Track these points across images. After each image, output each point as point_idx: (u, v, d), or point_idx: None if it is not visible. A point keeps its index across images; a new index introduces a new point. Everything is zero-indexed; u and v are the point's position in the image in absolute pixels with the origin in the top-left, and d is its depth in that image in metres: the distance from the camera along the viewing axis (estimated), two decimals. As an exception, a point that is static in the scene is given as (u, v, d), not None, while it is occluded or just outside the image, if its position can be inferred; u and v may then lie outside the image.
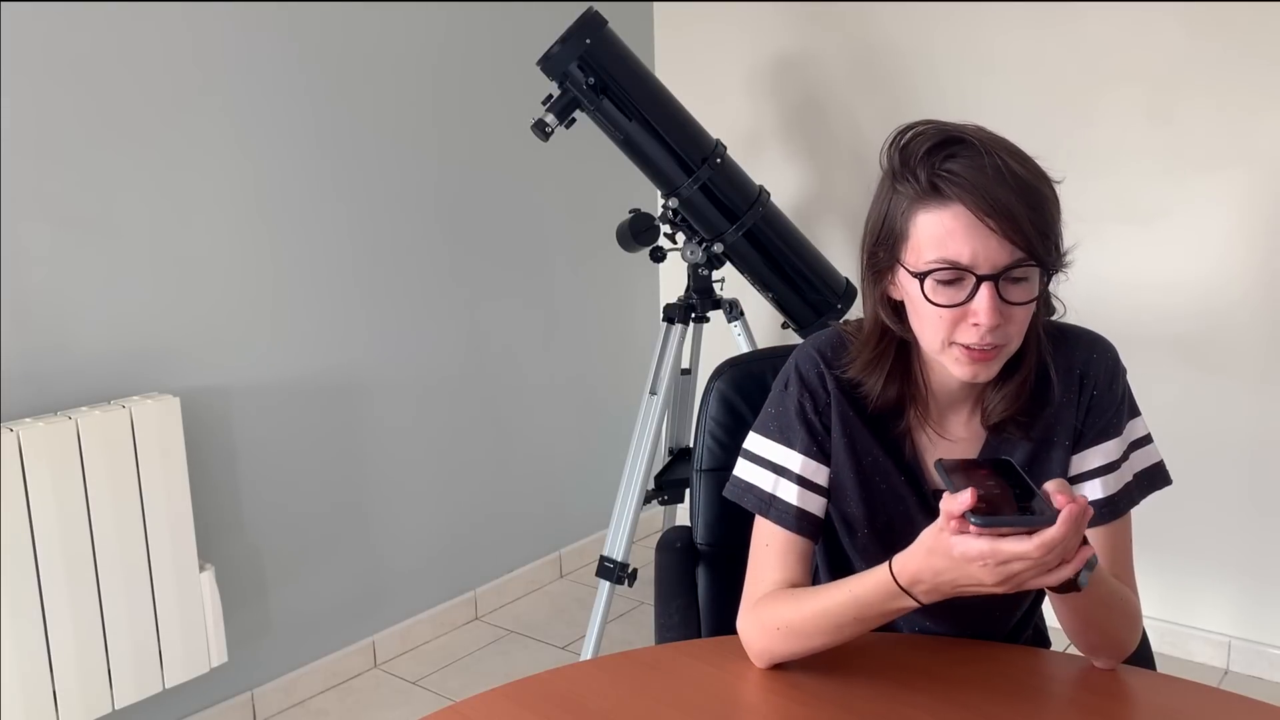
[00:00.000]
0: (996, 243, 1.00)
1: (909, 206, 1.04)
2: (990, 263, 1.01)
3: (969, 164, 1.01)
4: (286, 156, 2.38)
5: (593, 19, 2.17)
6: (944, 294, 1.03)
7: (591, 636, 2.39)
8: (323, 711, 2.48)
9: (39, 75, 1.97)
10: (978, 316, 1.02)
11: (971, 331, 1.03)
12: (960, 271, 1.02)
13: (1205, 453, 2.53)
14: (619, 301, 3.34)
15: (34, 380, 2.00)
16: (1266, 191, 2.39)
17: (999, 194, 0.99)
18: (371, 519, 2.66)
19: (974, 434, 1.18)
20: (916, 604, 1.00)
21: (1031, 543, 0.88)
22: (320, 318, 2.49)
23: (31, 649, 1.90)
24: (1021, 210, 1.00)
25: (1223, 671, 2.57)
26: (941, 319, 1.04)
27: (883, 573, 1.01)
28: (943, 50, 2.77)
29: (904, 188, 1.05)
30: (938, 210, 1.02)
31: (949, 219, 1.01)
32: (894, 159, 1.06)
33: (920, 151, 1.03)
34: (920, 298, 1.04)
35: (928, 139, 1.04)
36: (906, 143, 1.06)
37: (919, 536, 0.97)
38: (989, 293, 1.01)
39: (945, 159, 1.02)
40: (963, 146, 1.02)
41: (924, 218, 1.03)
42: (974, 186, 1.00)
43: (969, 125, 1.06)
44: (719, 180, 2.32)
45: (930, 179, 1.02)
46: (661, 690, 1.10)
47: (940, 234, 1.02)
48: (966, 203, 1.00)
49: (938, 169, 1.02)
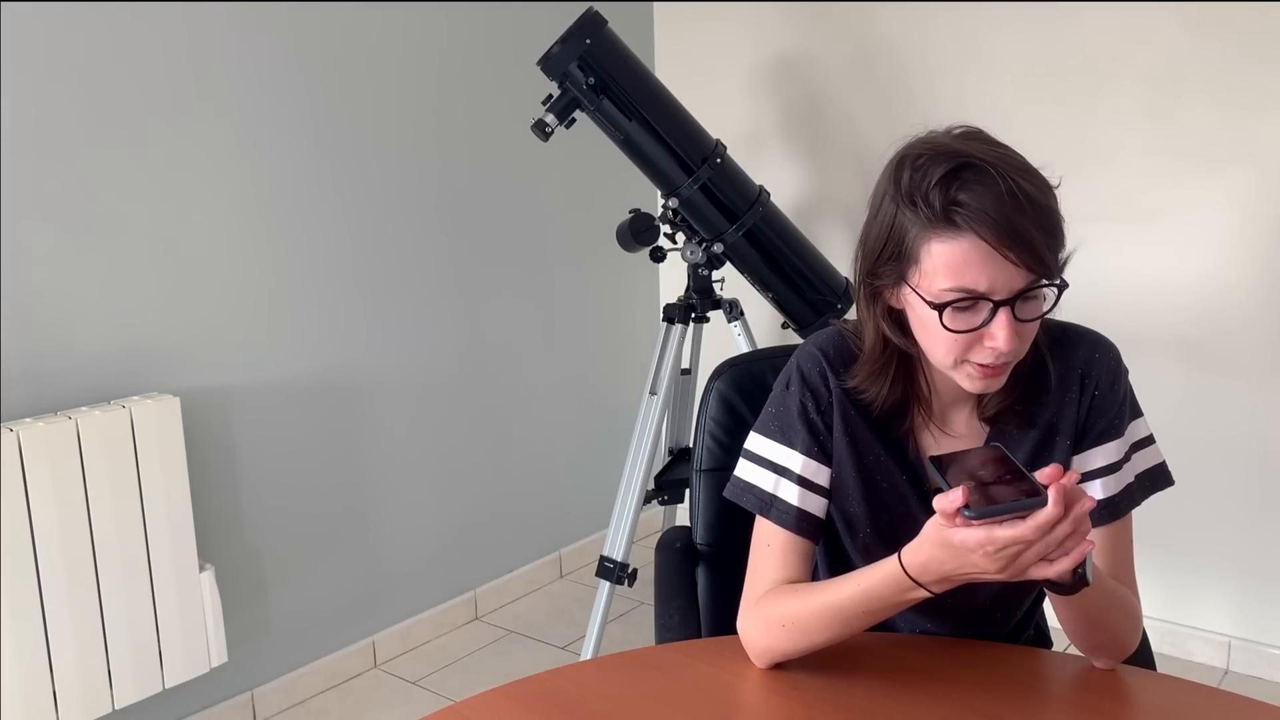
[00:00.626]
0: (1013, 270, 0.99)
1: (920, 232, 1.02)
2: (1007, 288, 1.00)
3: (984, 192, 0.98)
4: (286, 156, 2.38)
5: (593, 19, 2.17)
6: (961, 320, 1.02)
7: (591, 636, 2.39)
8: (323, 711, 2.48)
9: (39, 75, 1.97)
10: (995, 340, 1.01)
11: (988, 353, 1.03)
12: (979, 297, 1.01)
13: (1205, 453, 2.53)
14: (619, 301, 3.34)
15: (34, 380, 2.00)
16: (1267, 191, 2.39)
17: (1016, 223, 0.98)
18: (371, 519, 2.66)
19: (974, 429, 1.18)
20: (929, 594, 1.00)
21: (1027, 525, 0.89)
22: (320, 317, 2.49)
23: (31, 649, 1.90)
24: (1038, 236, 0.99)
25: (1223, 671, 2.57)
26: (957, 342, 1.03)
27: (892, 565, 1.01)
28: (942, 50, 2.77)
29: (914, 213, 1.02)
30: (953, 240, 1.00)
31: (967, 249, 0.99)
32: (903, 182, 1.04)
33: (933, 179, 1.00)
34: (933, 322, 1.04)
35: (939, 164, 1.01)
36: (917, 167, 1.03)
37: (924, 528, 0.97)
38: (1007, 317, 1.00)
39: (959, 187, 0.99)
40: (975, 172, 0.99)
41: (939, 246, 1.01)
42: (991, 220, 0.98)
43: (972, 141, 1.03)
44: (719, 180, 2.32)
45: (945, 210, 1.00)
46: (661, 690, 1.10)
47: (957, 263, 1.00)
48: (985, 235, 0.98)
49: (953, 199, 0.99)
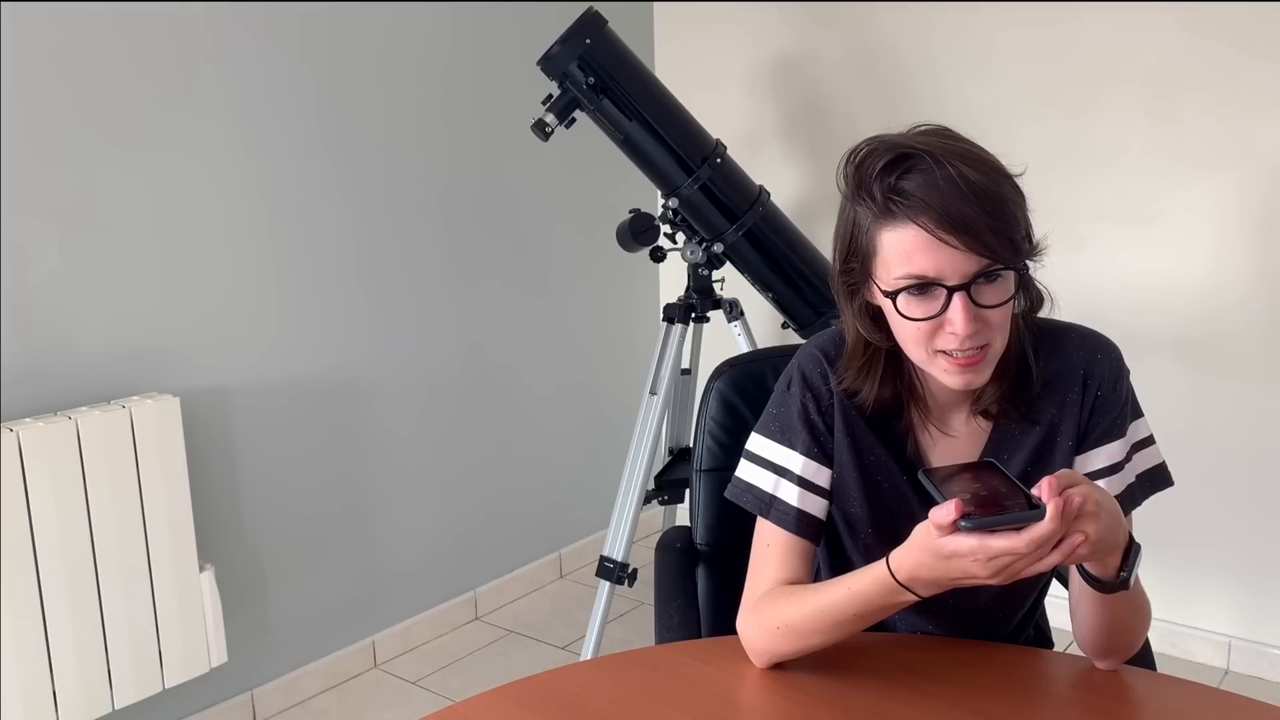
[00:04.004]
0: (960, 255, 1.00)
1: (871, 225, 1.05)
2: (958, 273, 1.01)
3: (922, 181, 1.00)
4: (288, 157, 2.38)
5: (593, 19, 2.17)
6: (917, 307, 1.03)
7: (591, 636, 2.39)
8: (323, 711, 2.48)
9: (39, 75, 1.97)
10: (954, 326, 1.02)
11: (950, 339, 1.03)
12: (930, 283, 1.02)
13: (1205, 452, 2.53)
14: (619, 301, 3.34)
15: (34, 380, 2.00)
16: (1267, 191, 2.39)
17: (955, 208, 0.99)
18: (371, 519, 2.66)
19: (975, 429, 1.18)
20: (917, 598, 1.01)
21: (1021, 539, 0.90)
22: (320, 317, 2.49)
23: (31, 649, 1.90)
24: (981, 220, 0.99)
25: (1223, 671, 2.57)
26: (920, 330, 1.04)
27: (880, 569, 1.02)
28: (943, 50, 2.77)
29: (863, 207, 1.05)
30: (898, 229, 1.02)
31: (909, 237, 1.01)
32: (850, 178, 1.06)
33: (875, 170, 1.03)
34: (895, 313, 1.05)
35: (879, 156, 1.03)
36: (860, 161, 1.05)
37: (913, 533, 0.98)
38: (962, 302, 1.01)
39: (899, 177, 1.01)
40: (915, 161, 1.01)
41: (886, 236, 1.03)
42: (927, 205, 0.99)
43: (924, 134, 1.05)
44: (719, 180, 2.32)
45: (885, 199, 1.02)
46: (661, 690, 1.10)
47: (903, 251, 1.02)
48: (922, 223, 1.00)
49: (891, 189, 1.01)
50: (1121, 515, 0.98)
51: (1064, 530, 0.90)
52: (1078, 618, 1.11)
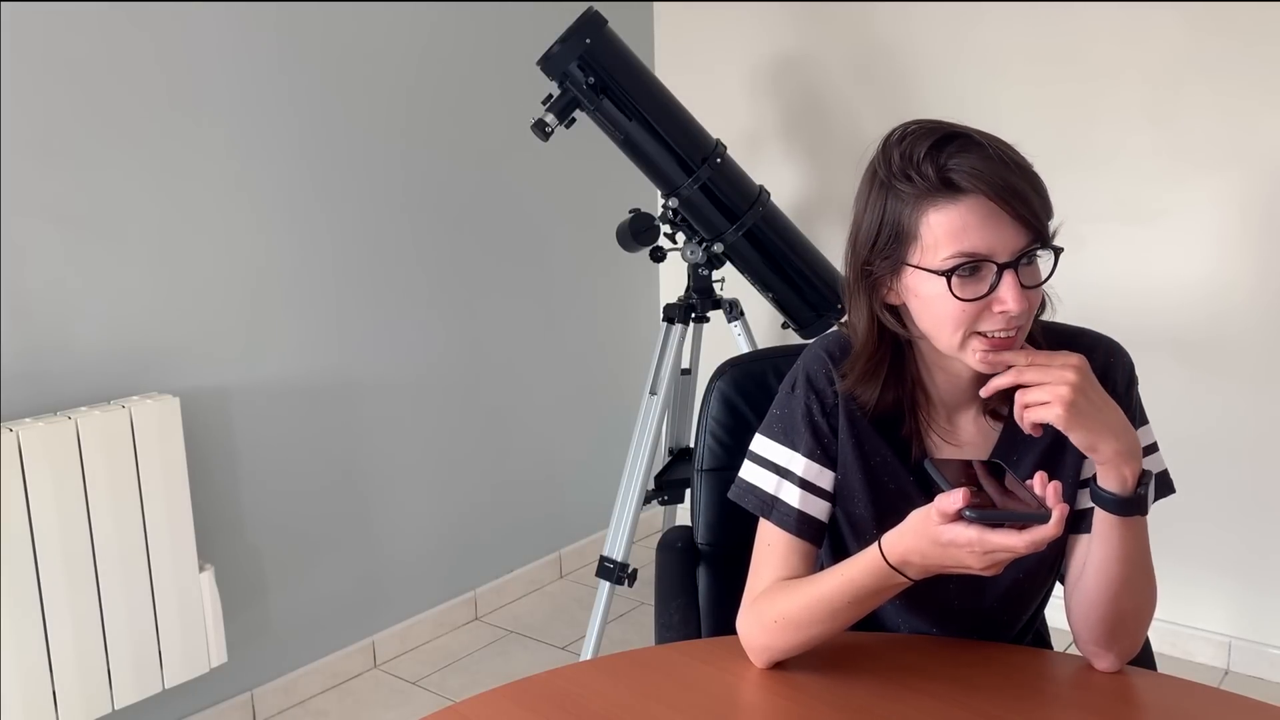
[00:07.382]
0: (1011, 229, 1.02)
1: (916, 206, 1.05)
2: (1008, 249, 1.02)
3: (975, 156, 1.02)
4: (288, 157, 2.38)
5: (593, 19, 2.17)
6: (968, 288, 1.04)
7: (591, 636, 2.39)
8: (323, 711, 2.48)
9: (39, 75, 1.97)
10: (1005, 304, 1.03)
11: (998, 319, 1.04)
12: (980, 262, 1.02)
13: (1205, 453, 2.53)
14: (619, 301, 3.33)
15: (34, 380, 2.00)
16: (1267, 191, 2.39)
17: (1009, 180, 1.01)
18: (371, 519, 2.66)
19: (984, 430, 1.18)
20: (909, 581, 1.03)
21: (1021, 539, 0.92)
22: (320, 318, 2.49)
23: (31, 649, 1.90)
24: (1030, 193, 1.02)
25: (1223, 671, 2.57)
26: (965, 312, 1.04)
27: (873, 553, 1.04)
28: (943, 50, 2.77)
29: (907, 188, 1.05)
30: (950, 205, 1.02)
31: (965, 212, 1.02)
32: (893, 160, 1.07)
33: (922, 150, 1.04)
34: (941, 295, 1.04)
35: (925, 137, 1.05)
36: (904, 144, 1.06)
37: (907, 519, 0.99)
38: (1012, 279, 1.02)
39: (949, 155, 1.03)
40: (963, 140, 1.03)
41: (936, 216, 1.03)
42: (987, 175, 1.01)
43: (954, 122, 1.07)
44: (719, 180, 2.32)
45: (940, 175, 1.03)
46: (661, 690, 1.10)
47: (957, 228, 1.02)
48: (984, 191, 1.01)
49: (945, 165, 1.02)
50: (1132, 428, 1.02)
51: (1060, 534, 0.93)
52: (1080, 590, 1.10)
